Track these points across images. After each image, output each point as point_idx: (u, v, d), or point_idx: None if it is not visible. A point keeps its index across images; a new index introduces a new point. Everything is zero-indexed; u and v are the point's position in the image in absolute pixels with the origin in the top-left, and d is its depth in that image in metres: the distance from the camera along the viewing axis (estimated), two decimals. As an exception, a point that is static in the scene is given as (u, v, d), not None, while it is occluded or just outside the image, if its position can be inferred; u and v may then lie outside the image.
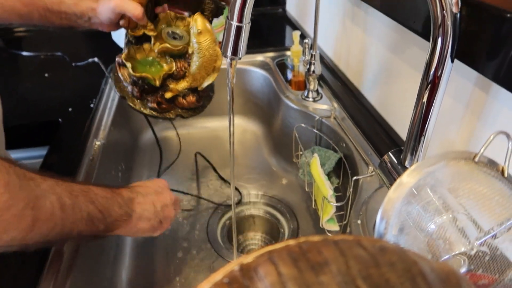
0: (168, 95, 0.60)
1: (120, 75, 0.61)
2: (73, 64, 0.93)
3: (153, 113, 0.62)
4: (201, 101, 0.64)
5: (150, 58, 0.61)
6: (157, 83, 0.59)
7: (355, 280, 0.17)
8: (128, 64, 0.58)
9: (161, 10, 0.62)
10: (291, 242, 0.20)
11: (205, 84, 0.61)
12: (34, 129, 0.73)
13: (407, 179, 0.26)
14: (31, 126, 0.73)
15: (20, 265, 0.46)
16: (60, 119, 0.72)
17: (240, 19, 0.40)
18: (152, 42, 0.61)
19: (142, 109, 0.62)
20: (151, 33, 0.60)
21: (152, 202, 0.51)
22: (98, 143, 0.69)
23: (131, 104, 0.62)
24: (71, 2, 0.59)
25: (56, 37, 1.10)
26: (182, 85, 0.60)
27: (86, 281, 0.53)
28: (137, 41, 0.61)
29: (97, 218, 0.41)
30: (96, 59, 0.92)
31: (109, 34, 0.96)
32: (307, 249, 0.19)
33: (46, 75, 0.89)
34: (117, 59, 0.60)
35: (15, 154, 0.72)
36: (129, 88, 0.61)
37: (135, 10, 0.55)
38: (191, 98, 0.61)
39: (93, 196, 0.42)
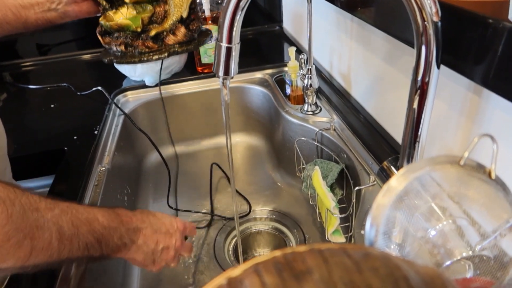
0: (152, 32, 0.57)
1: (105, 45, 0.59)
2: (78, 93, 0.96)
3: (144, 57, 0.58)
4: (193, 33, 0.59)
5: (129, 16, 0.58)
6: (139, 28, 0.56)
7: (337, 286, 0.17)
8: (103, 21, 0.56)
9: None
10: (278, 253, 0.20)
11: (185, 5, 0.57)
12: (41, 158, 0.75)
13: (395, 184, 0.27)
14: (37, 156, 0.75)
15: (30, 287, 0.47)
16: (65, 148, 0.74)
17: (229, 40, 0.41)
18: None
19: (133, 59, 0.58)
20: None
21: (156, 240, 0.51)
22: (102, 168, 0.70)
23: (120, 61, 0.59)
24: None
25: (62, 70, 1.13)
26: (168, 22, 0.57)
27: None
28: (112, 5, 0.58)
29: (94, 247, 0.41)
30: (100, 88, 0.95)
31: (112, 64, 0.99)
32: (292, 259, 0.19)
33: (52, 105, 0.92)
34: (97, 30, 0.58)
35: (22, 185, 0.74)
36: (113, 47, 0.58)
37: None
38: (181, 29, 0.57)
39: (96, 226, 0.42)
